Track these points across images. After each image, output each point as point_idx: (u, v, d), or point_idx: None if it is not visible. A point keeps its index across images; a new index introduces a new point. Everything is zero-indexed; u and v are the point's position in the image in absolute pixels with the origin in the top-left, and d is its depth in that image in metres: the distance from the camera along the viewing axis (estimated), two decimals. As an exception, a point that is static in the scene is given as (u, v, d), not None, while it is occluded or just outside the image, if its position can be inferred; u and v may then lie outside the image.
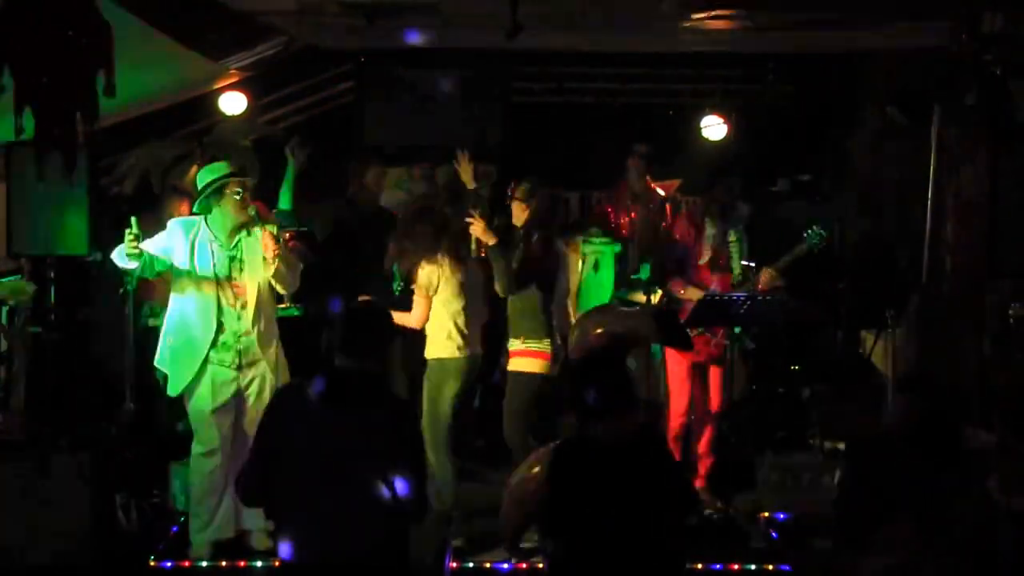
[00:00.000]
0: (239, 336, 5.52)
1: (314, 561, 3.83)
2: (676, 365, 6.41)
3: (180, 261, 5.50)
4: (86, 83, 5.12)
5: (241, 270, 5.54)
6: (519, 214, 5.97)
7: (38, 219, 5.63)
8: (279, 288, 5.70)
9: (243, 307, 5.53)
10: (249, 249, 5.56)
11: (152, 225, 6.84)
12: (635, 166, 7.74)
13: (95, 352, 6.93)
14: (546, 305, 5.96)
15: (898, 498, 3.81)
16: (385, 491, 3.82)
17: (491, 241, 5.84)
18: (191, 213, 6.67)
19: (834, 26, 6.88)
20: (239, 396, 5.58)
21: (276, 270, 5.51)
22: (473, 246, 6.26)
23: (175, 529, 5.95)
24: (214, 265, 5.50)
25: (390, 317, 4.34)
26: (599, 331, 6.60)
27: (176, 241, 5.53)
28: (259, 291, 5.56)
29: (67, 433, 5.74)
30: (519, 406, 5.85)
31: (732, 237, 6.43)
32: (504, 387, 6.03)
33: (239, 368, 5.53)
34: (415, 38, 7.45)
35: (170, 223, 5.68)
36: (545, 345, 5.87)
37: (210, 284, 5.49)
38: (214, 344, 5.48)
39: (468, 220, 5.87)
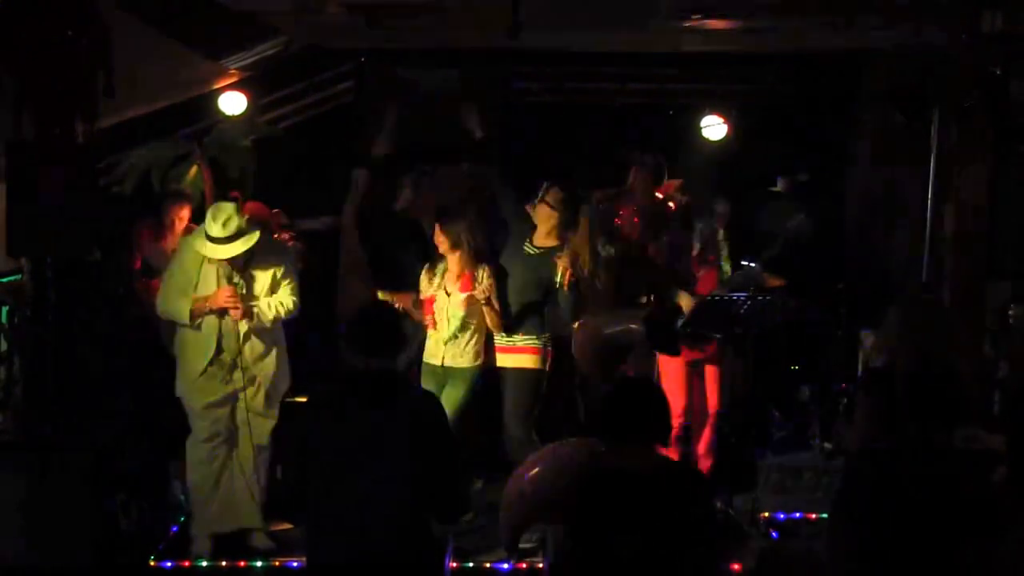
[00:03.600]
0: (233, 357, 5.53)
1: (344, 561, 3.83)
2: (670, 365, 6.39)
3: (188, 282, 5.47)
4: (86, 83, 5.13)
5: (243, 292, 5.49)
6: (545, 217, 5.96)
7: (38, 219, 5.62)
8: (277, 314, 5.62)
9: (239, 332, 5.49)
10: (256, 276, 5.52)
11: (152, 226, 6.89)
12: (642, 178, 7.70)
13: (95, 352, 6.92)
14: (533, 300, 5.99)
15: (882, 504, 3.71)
16: (411, 489, 3.81)
17: (567, 283, 5.85)
18: (191, 217, 6.69)
19: (834, 26, 6.87)
20: (234, 394, 5.59)
21: (258, 315, 5.48)
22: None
23: (175, 529, 5.95)
24: (219, 286, 5.46)
25: (401, 316, 4.33)
26: (602, 333, 6.63)
27: (186, 264, 5.51)
28: (256, 317, 5.52)
29: (67, 433, 5.74)
30: (522, 402, 5.86)
31: (720, 235, 6.43)
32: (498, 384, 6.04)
33: (231, 373, 5.55)
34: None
35: (180, 242, 5.70)
36: (535, 341, 5.91)
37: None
38: (211, 362, 5.51)
39: (557, 259, 5.86)
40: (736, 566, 5.48)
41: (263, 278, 5.53)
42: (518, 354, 5.91)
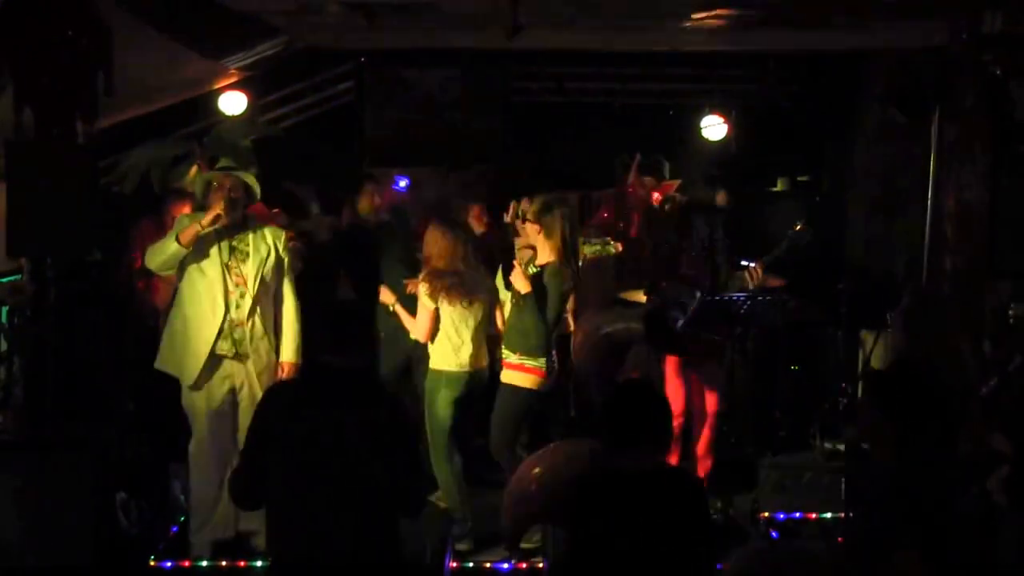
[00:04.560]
0: (235, 325, 5.54)
1: (307, 560, 3.82)
2: (669, 365, 6.35)
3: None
4: (86, 83, 5.12)
5: (244, 261, 5.54)
6: (533, 235, 5.79)
7: (38, 219, 5.61)
8: None
9: (241, 296, 5.54)
10: (255, 242, 5.58)
11: (152, 225, 6.89)
12: (629, 175, 7.75)
13: (95, 352, 6.93)
14: (544, 320, 5.78)
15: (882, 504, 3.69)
16: (376, 487, 3.80)
17: (525, 290, 5.65)
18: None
19: (834, 26, 6.88)
20: (232, 394, 5.59)
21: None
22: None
23: (175, 529, 5.95)
24: (219, 253, 5.51)
25: (370, 314, 4.33)
26: (600, 332, 6.61)
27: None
28: (259, 285, 5.56)
29: (67, 433, 5.74)
30: (508, 419, 5.79)
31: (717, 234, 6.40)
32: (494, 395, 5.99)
33: (236, 357, 5.54)
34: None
35: (179, 217, 5.70)
36: (540, 363, 5.72)
37: (215, 271, 5.50)
38: (219, 332, 5.50)
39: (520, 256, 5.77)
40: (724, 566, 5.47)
41: (255, 258, 5.56)
42: (515, 371, 5.74)
